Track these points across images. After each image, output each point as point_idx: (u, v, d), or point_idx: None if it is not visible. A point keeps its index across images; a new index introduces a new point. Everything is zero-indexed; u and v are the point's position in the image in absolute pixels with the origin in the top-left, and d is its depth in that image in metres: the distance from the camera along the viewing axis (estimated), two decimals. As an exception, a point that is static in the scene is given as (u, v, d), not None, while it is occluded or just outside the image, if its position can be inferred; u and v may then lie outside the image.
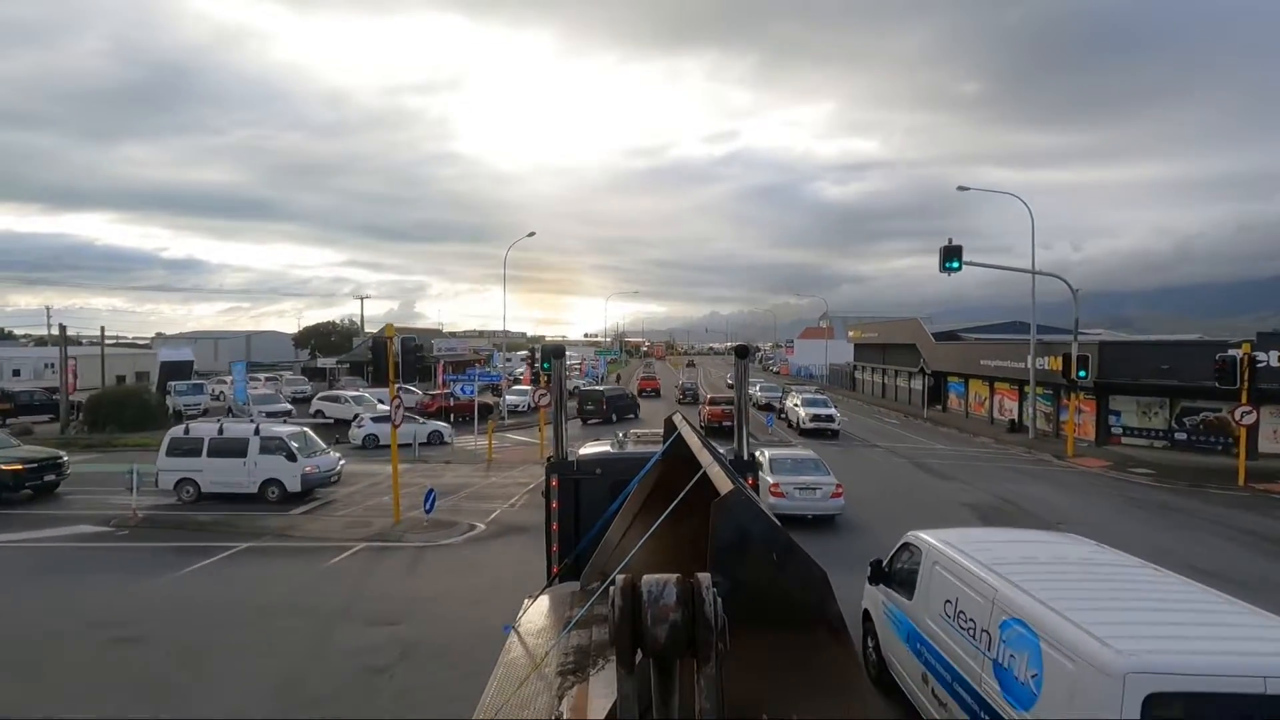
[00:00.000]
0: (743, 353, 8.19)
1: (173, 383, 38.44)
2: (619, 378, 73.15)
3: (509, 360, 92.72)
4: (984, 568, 6.34)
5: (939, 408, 47.65)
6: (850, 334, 71.46)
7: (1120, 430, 30.65)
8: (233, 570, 13.53)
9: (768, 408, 46.51)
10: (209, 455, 18.81)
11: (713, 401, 35.56)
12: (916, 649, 7.24)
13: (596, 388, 45.80)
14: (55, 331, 38.85)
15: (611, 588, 2.43)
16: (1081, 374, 28.06)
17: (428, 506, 15.68)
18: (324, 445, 20.91)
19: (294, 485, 18.75)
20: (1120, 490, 22.23)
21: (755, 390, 51.77)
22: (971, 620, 6.17)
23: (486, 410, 42.62)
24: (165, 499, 18.65)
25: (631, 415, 40.21)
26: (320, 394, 39.95)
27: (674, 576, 2.40)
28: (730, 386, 67.67)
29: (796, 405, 34.82)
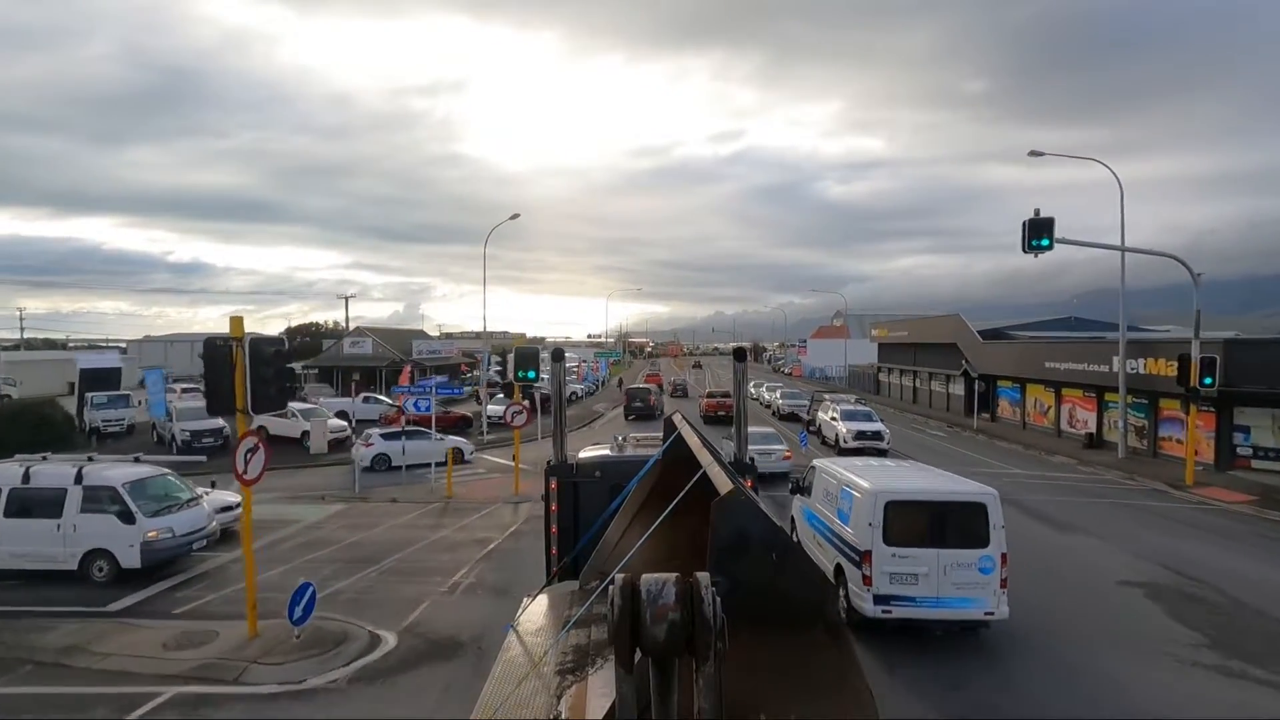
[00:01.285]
0: (740, 355, 8.41)
1: (91, 394, 32.39)
2: (620, 381, 67.03)
3: (499, 364, 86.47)
4: (839, 469, 11.86)
5: (986, 415, 41.45)
6: (874, 332, 65.17)
7: (1249, 451, 24.38)
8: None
9: (792, 418, 40.33)
10: (6, 514, 12.75)
11: (709, 395, 39.83)
12: (812, 524, 12.42)
13: (644, 386, 49.16)
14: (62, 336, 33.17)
15: (610, 587, 2.44)
16: (1207, 380, 21.86)
17: (297, 614, 9.61)
18: (194, 493, 14.80)
19: (130, 559, 12.63)
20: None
21: (775, 396, 45.53)
22: (830, 495, 11.61)
23: (465, 424, 36.68)
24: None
25: (660, 410, 41.35)
26: None
27: (673, 576, 2.41)
28: None
29: (835, 419, 28.63)
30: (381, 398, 40.03)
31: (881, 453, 27.25)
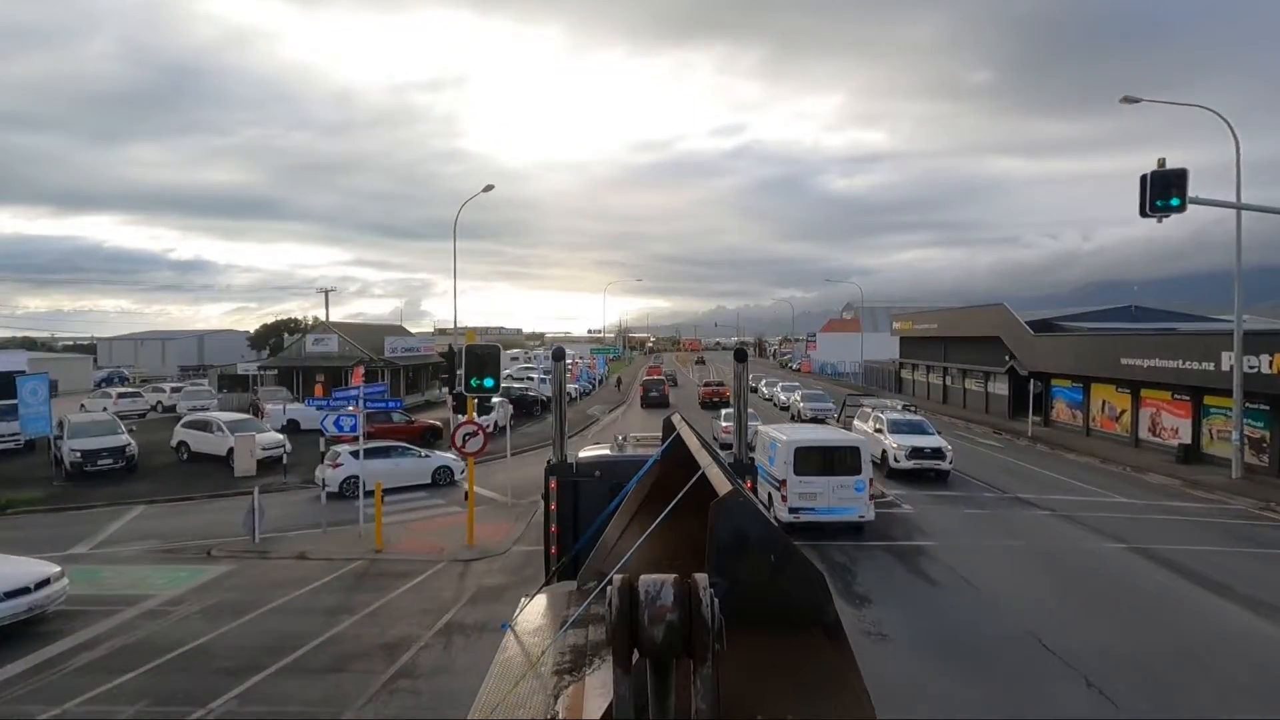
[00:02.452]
0: (741, 355, 8.29)
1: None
2: (619, 381, 61.58)
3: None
4: (768, 430, 17.50)
5: (1037, 419, 35.98)
6: (896, 326, 59.58)
7: None
8: None
9: (815, 422, 34.87)
10: None
11: (706, 384, 46.60)
12: (759, 477, 14.98)
13: (658, 377, 55.47)
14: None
15: (608, 587, 2.42)
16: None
17: None
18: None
19: None
20: None
21: (794, 398, 39.98)
22: (764, 448, 16.51)
23: (434, 436, 31.25)
24: None
25: (669, 398, 47.94)
26: (186, 418, 28.36)
27: (671, 577, 2.40)
28: (751, 390, 56.82)
29: (880, 431, 23.12)
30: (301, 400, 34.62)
31: (941, 475, 21.84)
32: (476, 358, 14.92)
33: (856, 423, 26.26)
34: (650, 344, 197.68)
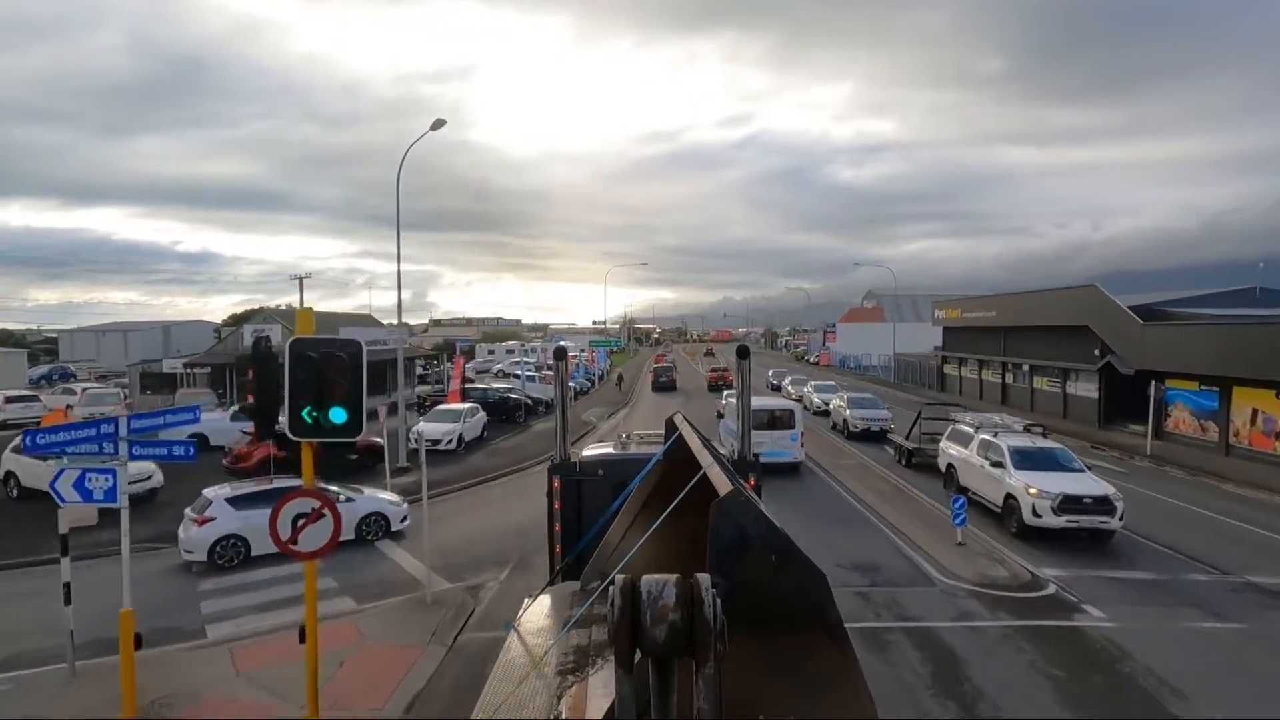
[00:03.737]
0: (743, 353, 8.22)
1: None
2: (620, 378, 54.23)
3: (490, 355, 73.36)
4: (732, 400, 17.90)
5: (1138, 428, 28.49)
6: (940, 314, 51.90)
7: None
8: None
9: (865, 439, 27.50)
10: None
11: (713, 370, 54.17)
12: (725, 431, 21.35)
13: (667, 365, 58.95)
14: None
15: (611, 588, 2.42)
16: None
17: None
18: None
19: None
20: None
21: (838, 403, 32.32)
22: (731, 413, 18.57)
23: (373, 457, 23.99)
24: None
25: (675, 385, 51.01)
26: (17, 439, 21.09)
27: (673, 577, 2.40)
28: (774, 388, 49.69)
29: (1001, 465, 15.53)
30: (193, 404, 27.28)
31: (1101, 536, 14.37)
32: (310, 366, 7.19)
33: (948, 445, 18.76)
34: (656, 335, 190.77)
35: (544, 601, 5.79)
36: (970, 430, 17.69)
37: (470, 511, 18.34)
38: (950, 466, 18.26)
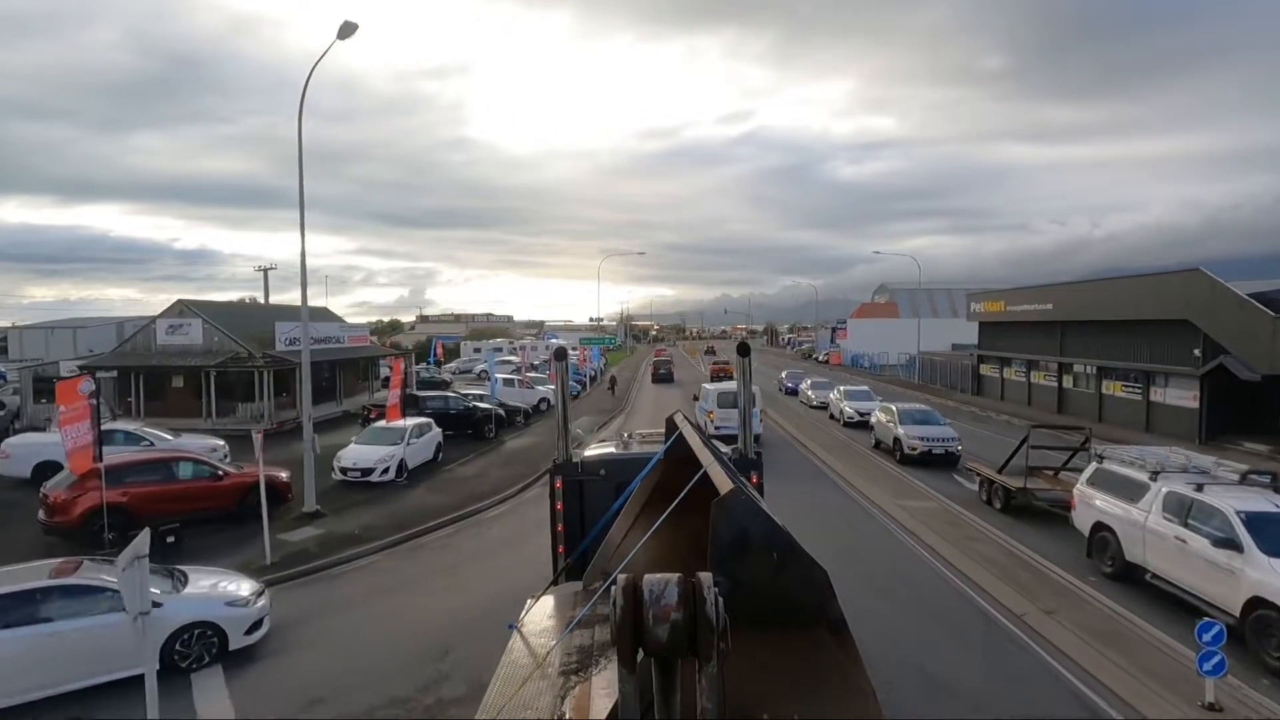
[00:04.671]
0: (744, 350, 7.94)
1: None
2: (613, 381, 48.05)
3: (477, 352, 66.40)
4: (706, 385, 30.16)
5: (1262, 447, 22.53)
6: (978, 307, 45.80)
7: None
8: None
9: (926, 461, 21.56)
10: None
11: (715, 363, 58.78)
12: (700, 410, 26.31)
13: (666, 359, 65.37)
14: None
15: (613, 587, 2.40)
16: None
17: None
18: None
19: None
20: None
21: (878, 417, 26.06)
22: (707, 396, 26.90)
23: (278, 499, 17.60)
24: None
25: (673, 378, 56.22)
26: None
27: (675, 576, 2.39)
28: (789, 392, 44.02)
29: (1227, 544, 9.52)
30: (163, 435, 21.14)
31: None
32: None
33: (1094, 495, 12.62)
34: (654, 332, 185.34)
35: (546, 602, 5.62)
36: (1143, 478, 11.54)
37: (385, 596, 12.23)
38: (1103, 529, 12.12)
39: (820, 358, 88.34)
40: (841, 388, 33.69)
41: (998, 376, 43.61)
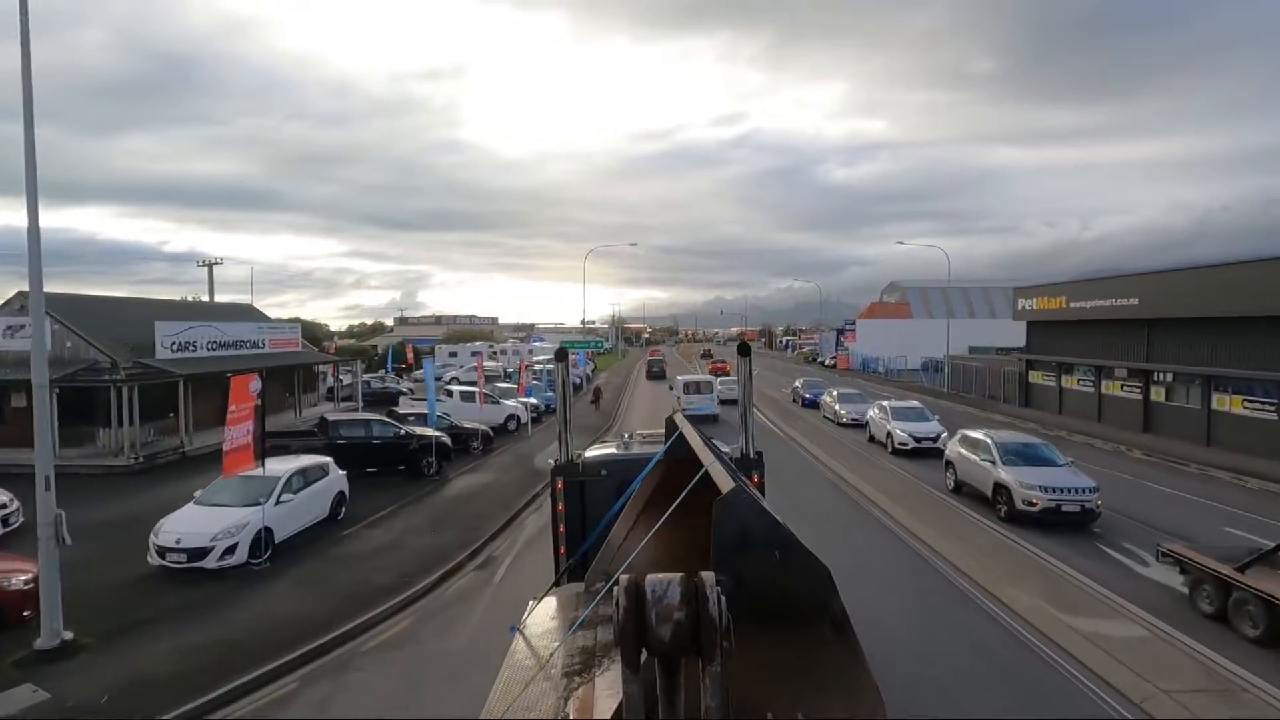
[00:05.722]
0: (744, 351, 8.04)
1: None
2: (597, 394, 41.07)
3: (455, 355, 60.13)
4: (680, 376, 40.61)
5: None
6: (1026, 304, 39.05)
7: None
8: None
9: (1049, 522, 14.68)
10: None
11: (713, 363, 64.18)
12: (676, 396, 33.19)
13: (659, 358, 68.11)
14: None
15: (615, 588, 2.39)
16: None
17: None
18: None
19: None
20: None
21: (963, 450, 18.63)
22: (684, 386, 34.79)
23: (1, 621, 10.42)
24: None
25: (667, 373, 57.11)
26: None
27: (678, 576, 2.37)
28: (808, 404, 37.61)
29: None
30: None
31: None
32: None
33: None
34: (647, 334, 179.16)
35: (549, 603, 5.53)
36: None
37: None
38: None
39: (826, 361, 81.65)
40: (885, 403, 26.65)
41: (1054, 385, 36.84)
